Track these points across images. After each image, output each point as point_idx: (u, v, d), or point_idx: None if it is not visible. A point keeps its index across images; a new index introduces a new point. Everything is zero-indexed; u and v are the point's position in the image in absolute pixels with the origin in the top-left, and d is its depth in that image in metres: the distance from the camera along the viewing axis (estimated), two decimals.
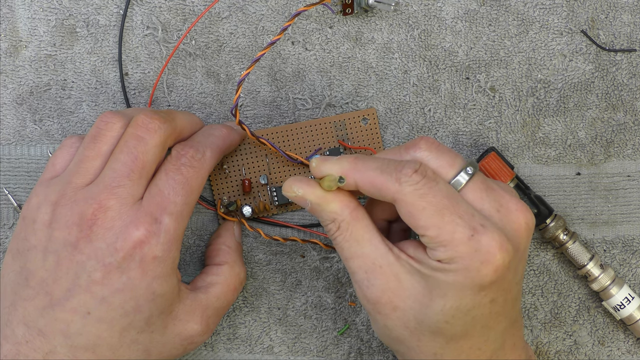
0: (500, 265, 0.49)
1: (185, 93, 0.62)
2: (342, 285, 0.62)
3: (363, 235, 0.51)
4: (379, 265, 0.51)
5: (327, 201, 0.52)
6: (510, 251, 0.49)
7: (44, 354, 0.51)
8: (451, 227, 0.48)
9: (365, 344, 0.62)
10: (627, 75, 0.63)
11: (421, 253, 0.50)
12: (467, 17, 0.62)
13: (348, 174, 0.51)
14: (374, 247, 0.51)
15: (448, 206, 0.49)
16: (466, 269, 0.48)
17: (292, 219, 0.62)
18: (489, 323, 0.51)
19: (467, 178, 0.50)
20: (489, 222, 0.49)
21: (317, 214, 0.52)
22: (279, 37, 0.54)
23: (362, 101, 0.62)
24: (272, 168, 0.61)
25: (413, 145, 0.52)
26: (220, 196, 0.61)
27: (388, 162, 0.50)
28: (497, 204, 0.50)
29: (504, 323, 0.52)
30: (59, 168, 0.54)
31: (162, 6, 0.62)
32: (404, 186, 0.49)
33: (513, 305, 0.52)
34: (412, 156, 0.51)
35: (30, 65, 0.61)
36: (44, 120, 0.61)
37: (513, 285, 0.51)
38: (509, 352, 0.53)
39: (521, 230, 0.51)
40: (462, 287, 0.49)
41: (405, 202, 0.49)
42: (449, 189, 0.50)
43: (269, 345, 0.62)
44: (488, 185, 0.51)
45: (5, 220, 0.61)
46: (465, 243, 0.48)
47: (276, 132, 0.62)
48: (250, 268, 0.62)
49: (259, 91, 0.62)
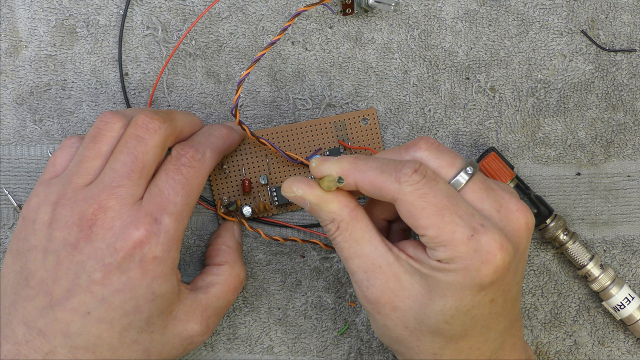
0: (500, 266, 0.49)
1: (185, 93, 0.62)
2: (342, 285, 0.62)
3: (362, 235, 0.51)
4: (379, 265, 0.51)
5: (326, 201, 0.52)
6: (510, 251, 0.49)
7: (44, 354, 0.51)
8: (451, 227, 0.48)
9: (365, 344, 0.62)
10: (627, 76, 0.63)
11: (421, 253, 0.50)
12: (467, 17, 0.62)
13: (348, 174, 0.51)
14: (373, 247, 0.51)
15: (448, 206, 0.49)
16: (466, 269, 0.48)
17: (292, 219, 0.62)
18: (488, 323, 0.51)
19: (467, 178, 0.50)
20: (489, 222, 0.49)
21: (316, 214, 0.52)
22: (279, 37, 0.54)
23: (362, 101, 0.62)
24: (272, 168, 0.61)
25: (413, 145, 0.51)
26: (220, 196, 0.61)
27: (388, 162, 0.50)
28: (497, 204, 0.50)
29: (504, 323, 0.52)
30: (59, 168, 0.54)
31: (162, 6, 0.62)
32: (404, 186, 0.49)
33: (513, 305, 0.52)
34: (412, 156, 0.51)
35: (30, 66, 0.61)
36: (44, 121, 0.61)
37: (513, 286, 0.51)
38: (508, 352, 0.53)
39: (521, 231, 0.51)
40: (461, 287, 0.49)
41: (405, 202, 0.49)
42: (449, 189, 0.50)
43: (269, 346, 0.62)
44: (488, 185, 0.51)
45: (5, 220, 0.61)
46: (465, 243, 0.48)
47: (276, 132, 0.62)
48: (250, 268, 0.62)
49: (259, 91, 0.62)
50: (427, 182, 0.49)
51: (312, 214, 0.53)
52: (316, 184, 0.52)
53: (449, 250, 0.48)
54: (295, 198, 0.52)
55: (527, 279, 0.63)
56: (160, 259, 0.51)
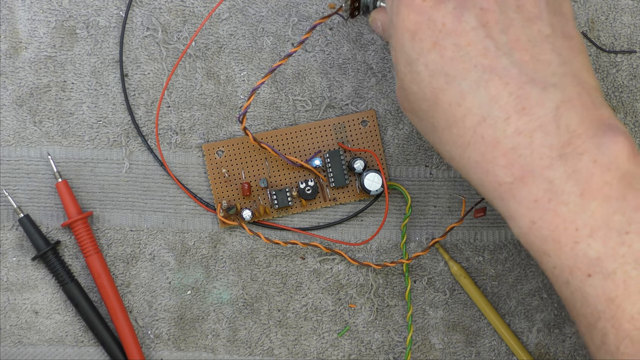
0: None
1: (185, 94, 0.62)
2: (342, 287, 0.62)
3: None
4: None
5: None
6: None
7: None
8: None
9: (366, 346, 0.62)
10: (628, 77, 0.63)
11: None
12: None
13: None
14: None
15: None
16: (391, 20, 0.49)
17: (291, 221, 0.62)
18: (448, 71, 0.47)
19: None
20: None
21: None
22: (296, 49, 0.54)
23: (361, 102, 0.62)
24: (272, 172, 0.61)
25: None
26: (220, 200, 0.61)
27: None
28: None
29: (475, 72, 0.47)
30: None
31: (162, 7, 0.62)
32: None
33: (479, 53, 0.47)
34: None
35: (30, 67, 0.61)
36: (43, 122, 0.61)
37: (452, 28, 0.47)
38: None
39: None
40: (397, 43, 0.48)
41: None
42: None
43: (269, 347, 0.62)
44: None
45: (5, 221, 0.61)
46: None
47: (276, 134, 0.62)
48: (250, 270, 0.62)
49: (259, 92, 0.62)
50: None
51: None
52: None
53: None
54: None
55: (528, 279, 0.63)
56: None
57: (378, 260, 0.62)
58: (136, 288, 0.62)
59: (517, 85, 0.45)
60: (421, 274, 0.62)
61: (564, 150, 0.44)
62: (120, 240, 0.62)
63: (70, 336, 0.61)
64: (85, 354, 0.61)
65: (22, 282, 0.61)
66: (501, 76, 0.45)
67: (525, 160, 0.45)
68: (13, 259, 0.61)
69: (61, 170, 0.62)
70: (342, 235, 0.62)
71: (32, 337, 0.61)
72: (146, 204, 0.62)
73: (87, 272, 0.62)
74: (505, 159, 0.45)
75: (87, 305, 0.61)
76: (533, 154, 0.45)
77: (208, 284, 0.62)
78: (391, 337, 0.62)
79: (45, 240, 0.61)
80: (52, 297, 0.61)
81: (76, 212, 0.60)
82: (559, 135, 0.44)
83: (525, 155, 0.45)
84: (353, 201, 0.62)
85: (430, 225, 0.62)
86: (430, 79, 0.47)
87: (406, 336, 0.62)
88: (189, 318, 0.62)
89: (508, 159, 0.45)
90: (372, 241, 0.62)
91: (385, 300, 0.62)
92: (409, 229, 0.62)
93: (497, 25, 0.46)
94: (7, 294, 0.61)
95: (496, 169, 0.46)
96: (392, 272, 0.62)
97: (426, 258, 0.62)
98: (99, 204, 0.62)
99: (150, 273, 0.62)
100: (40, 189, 0.62)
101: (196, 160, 0.62)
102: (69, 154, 0.62)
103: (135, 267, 0.62)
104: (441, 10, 0.46)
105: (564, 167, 0.44)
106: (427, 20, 0.47)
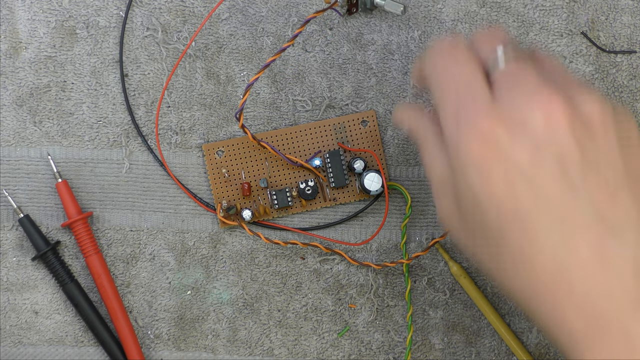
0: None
1: (185, 94, 0.62)
2: (342, 287, 0.62)
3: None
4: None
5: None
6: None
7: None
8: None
9: (366, 346, 0.62)
10: (628, 77, 0.63)
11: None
12: (467, 18, 0.62)
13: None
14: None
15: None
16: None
17: (291, 222, 0.62)
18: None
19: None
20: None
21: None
22: (290, 44, 0.54)
23: (361, 102, 0.62)
24: (272, 172, 0.61)
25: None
26: (220, 200, 0.61)
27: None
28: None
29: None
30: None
31: (162, 7, 0.62)
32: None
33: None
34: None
35: (30, 67, 0.61)
36: (43, 122, 0.61)
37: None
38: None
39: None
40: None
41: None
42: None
43: (269, 348, 0.62)
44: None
45: (5, 221, 0.61)
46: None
47: (276, 135, 0.62)
48: (250, 270, 0.62)
49: (259, 92, 0.62)
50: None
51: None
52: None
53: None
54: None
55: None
56: None
57: (378, 260, 0.62)
58: (136, 288, 0.62)
59: (596, 235, 0.44)
60: (421, 274, 0.62)
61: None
62: (120, 240, 0.62)
63: (70, 336, 0.61)
64: (85, 354, 0.61)
65: (22, 282, 0.61)
66: (579, 225, 0.44)
67: (603, 311, 0.43)
68: (13, 259, 0.61)
69: (61, 170, 0.62)
70: (342, 236, 0.62)
71: (32, 337, 0.61)
72: (146, 204, 0.62)
73: (87, 272, 0.62)
74: (581, 309, 0.44)
75: (87, 305, 0.61)
76: (611, 304, 0.43)
77: (208, 284, 0.62)
78: (391, 337, 0.62)
79: (45, 241, 0.61)
80: (52, 297, 0.61)
81: (76, 212, 0.60)
82: (637, 289, 0.43)
83: (602, 307, 0.43)
84: (353, 201, 0.62)
85: (430, 225, 0.62)
86: (498, 213, 0.45)
87: (406, 336, 0.62)
88: (189, 318, 0.62)
89: (584, 309, 0.44)
90: (372, 241, 0.62)
91: (385, 301, 0.62)
92: (409, 229, 0.62)
93: (577, 168, 0.44)
94: (7, 294, 0.61)
95: (570, 316, 0.44)
96: (392, 272, 0.62)
97: (426, 258, 0.62)
98: (99, 204, 0.62)
99: (150, 273, 0.62)
100: (40, 189, 0.62)
101: (196, 160, 0.62)
102: (69, 154, 0.62)
103: (135, 267, 0.62)
104: (517, 144, 0.45)
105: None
106: (497, 152, 0.45)
